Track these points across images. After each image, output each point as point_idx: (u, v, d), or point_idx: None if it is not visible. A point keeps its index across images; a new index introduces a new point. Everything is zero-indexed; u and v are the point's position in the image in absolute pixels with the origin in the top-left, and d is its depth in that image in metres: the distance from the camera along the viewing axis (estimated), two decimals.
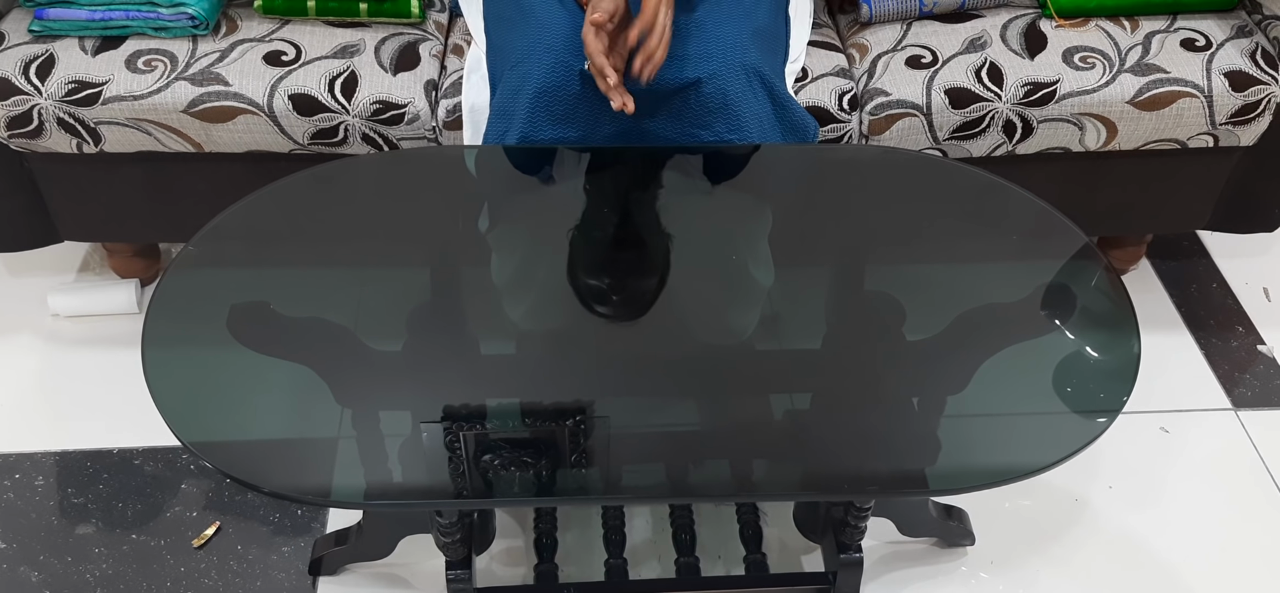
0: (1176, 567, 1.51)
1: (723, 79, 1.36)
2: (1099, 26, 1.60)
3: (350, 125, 1.50)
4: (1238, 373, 1.78)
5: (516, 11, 1.46)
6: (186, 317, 1.20)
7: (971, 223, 1.37)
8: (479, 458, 1.05)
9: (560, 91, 1.38)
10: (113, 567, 1.46)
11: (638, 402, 1.15)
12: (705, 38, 1.38)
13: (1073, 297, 1.27)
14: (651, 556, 1.48)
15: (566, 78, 1.37)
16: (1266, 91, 1.54)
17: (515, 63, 1.41)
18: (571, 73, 1.37)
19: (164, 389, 1.10)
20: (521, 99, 1.38)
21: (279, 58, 1.52)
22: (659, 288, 1.27)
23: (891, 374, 1.19)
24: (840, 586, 1.35)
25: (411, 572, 1.46)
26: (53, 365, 1.75)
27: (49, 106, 1.49)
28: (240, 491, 1.55)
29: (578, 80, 1.37)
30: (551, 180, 1.42)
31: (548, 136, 1.39)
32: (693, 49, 1.37)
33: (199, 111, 1.49)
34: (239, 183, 1.36)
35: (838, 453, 1.12)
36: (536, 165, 1.43)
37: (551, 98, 1.37)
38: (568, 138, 1.39)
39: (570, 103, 1.38)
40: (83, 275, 1.89)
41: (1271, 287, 1.94)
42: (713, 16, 1.40)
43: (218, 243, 1.28)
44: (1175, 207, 1.71)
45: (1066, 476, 1.60)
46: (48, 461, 1.60)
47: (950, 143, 1.56)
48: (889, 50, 1.59)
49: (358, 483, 1.08)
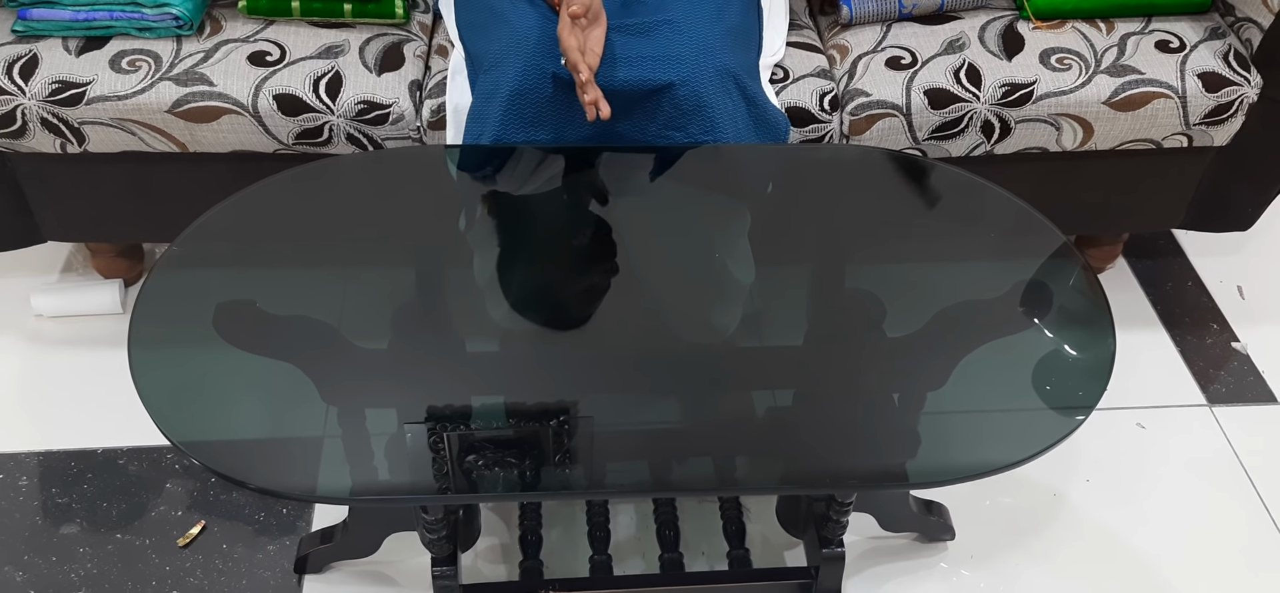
0: (1153, 561, 1.53)
1: (696, 82, 1.36)
2: (1075, 28, 1.62)
3: (335, 125, 1.51)
4: (1213, 370, 1.81)
5: (489, 16, 1.46)
6: (172, 316, 1.21)
7: (950, 222, 1.38)
8: (463, 458, 1.06)
9: (533, 94, 1.38)
10: (97, 566, 1.46)
11: (620, 399, 1.16)
12: (678, 39, 1.38)
13: (1050, 294, 1.29)
14: (635, 552, 1.50)
15: (539, 80, 1.38)
16: (1239, 92, 1.56)
17: (488, 67, 1.42)
18: (544, 75, 1.38)
19: (150, 388, 1.11)
20: (495, 103, 1.38)
21: (263, 58, 1.53)
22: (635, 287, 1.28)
23: (871, 371, 1.20)
24: (822, 580, 1.37)
25: (397, 569, 1.47)
26: (36, 366, 1.74)
27: (32, 107, 1.49)
28: (225, 490, 1.56)
29: (551, 83, 1.38)
30: (527, 182, 1.42)
31: (521, 139, 1.39)
32: (665, 51, 1.37)
33: (183, 112, 1.49)
34: (224, 183, 1.37)
35: (819, 448, 1.13)
36: (513, 167, 1.43)
37: (525, 101, 1.38)
38: (542, 140, 1.40)
39: (544, 105, 1.38)
40: (66, 276, 1.89)
41: (1245, 285, 1.97)
42: (685, 17, 1.41)
43: (202, 242, 1.28)
44: (1151, 206, 1.74)
45: (1045, 472, 1.62)
46: (31, 461, 1.60)
47: (930, 143, 1.57)
48: (869, 51, 1.61)
49: (343, 480, 1.09)
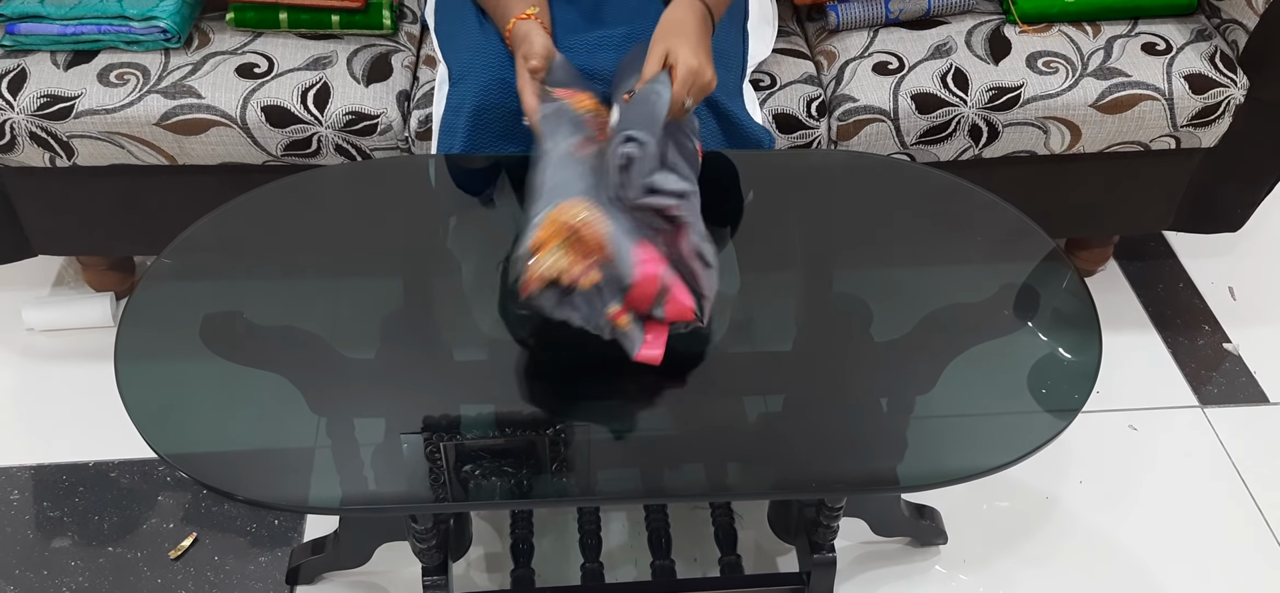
0: (1146, 562, 1.53)
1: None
2: (1062, 32, 1.63)
3: (323, 137, 1.51)
4: (1204, 371, 1.81)
5: (459, 28, 1.46)
6: (160, 328, 1.21)
7: (938, 225, 1.39)
8: (459, 468, 1.07)
9: (499, 109, 1.37)
10: (89, 580, 1.46)
11: (611, 407, 1.16)
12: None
13: (1037, 296, 1.29)
14: (628, 559, 1.50)
15: (504, 95, 1.37)
16: (1225, 94, 1.57)
17: (455, 80, 1.42)
18: (508, 90, 1.36)
19: (137, 401, 1.11)
20: (462, 115, 1.38)
21: (251, 70, 1.53)
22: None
23: (859, 375, 1.20)
24: (814, 585, 1.37)
25: (389, 579, 1.47)
26: (28, 380, 1.75)
27: (21, 121, 1.49)
28: (217, 502, 1.56)
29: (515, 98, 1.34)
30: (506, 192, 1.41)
31: (492, 152, 1.39)
32: None
33: (172, 124, 1.49)
34: (213, 195, 1.37)
35: (808, 453, 1.13)
36: (486, 181, 1.42)
37: (491, 115, 1.37)
38: (514, 152, 1.38)
39: (510, 119, 1.37)
40: (57, 289, 1.89)
41: (1237, 286, 1.97)
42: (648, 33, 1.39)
43: (190, 254, 1.29)
44: (1140, 208, 1.74)
45: (1037, 474, 1.62)
46: (23, 475, 1.60)
47: (918, 147, 1.58)
48: (856, 57, 1.61)
49: (334, 489, 1.09)
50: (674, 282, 1.11)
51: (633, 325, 1.11)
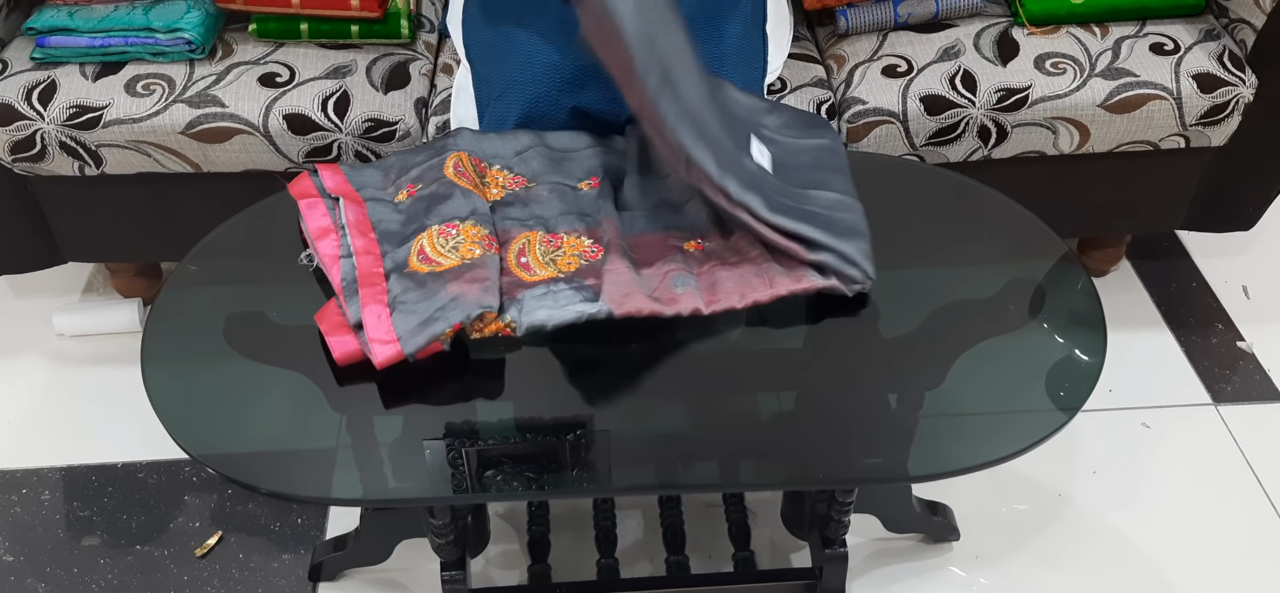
0: (1160, 560, 1.53)
1: None
2: (1070, 33, 1.64)
3: (343, 143, 1.55)
4: (1218, 370, 1.81)
5: (501, 41, 1.49)
6: (185, 330, 1.24)
7: (947, 224, 1.40)
8: (482, 473, 1.09)
9: (543, 123, 1.41)
10: (118, 577, 1.50)
11: (629, 404, 1.19)
12: None
13: (1044, 293, 1.31)
14: (643, 555, 1.52)
15: (549, 111, 1.40)
16: (1234, 93, 1.58)
17: (499, 93, 1.45)
18: (555, 106, 1.40)
19: (164, 399, 1.14)
20: (509, 127, 1.42)
21: (273, 79, 1.57)
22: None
23: (869, 371, 1.22)
24: (826, 580, 1.38)
25: (409, 575, 1.50)
26: (58, 384, 1.79)
27: (51, 131, 1.53)
28: (241, 501, 1.59)
29: (563, 113, 1.39)
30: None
31: None
32: None
33: (196, 132, 1.53)
34: (237, 201, 1.40)
35: (819, 446, 1.15)
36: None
37: (538, 126, 1.41)
38: None
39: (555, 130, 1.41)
40: (87, 296, 1.93)
41: (1250, 284, 1.97)
42: None
43: (214, 258, 1.32)
44: (1151, 207, 1.75)
45: (1051, 473, 1.63)
46: (54, 476, 1.64)
47: (927, 149, 1.59)
48: (866, 60, 1.63)
49: (354, 483, 1.12)
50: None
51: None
